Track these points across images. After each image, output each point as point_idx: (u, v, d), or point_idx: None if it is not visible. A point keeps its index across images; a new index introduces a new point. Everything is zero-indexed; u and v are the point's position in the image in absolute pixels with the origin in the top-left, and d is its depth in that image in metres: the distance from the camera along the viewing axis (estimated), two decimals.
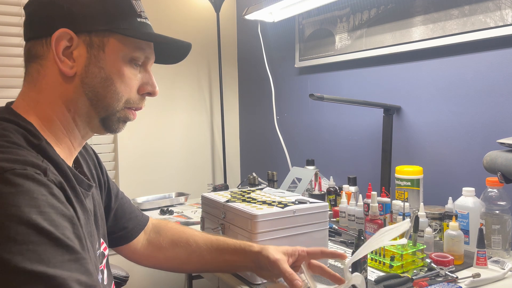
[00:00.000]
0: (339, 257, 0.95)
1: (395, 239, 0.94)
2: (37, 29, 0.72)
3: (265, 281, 1.07)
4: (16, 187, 0.54)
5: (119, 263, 1.41)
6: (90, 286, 0.55)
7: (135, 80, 0.77)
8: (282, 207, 1.14)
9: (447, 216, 1.33)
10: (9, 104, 0.74)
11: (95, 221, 0.81)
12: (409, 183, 1.48)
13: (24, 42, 0.75)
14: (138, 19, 0.75)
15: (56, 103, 0.72)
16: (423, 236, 1.27)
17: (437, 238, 1.38)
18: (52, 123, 0.73)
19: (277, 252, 0.95)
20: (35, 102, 0.72)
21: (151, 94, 0.79)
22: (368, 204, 1.40)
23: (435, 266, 1.14)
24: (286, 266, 0.92)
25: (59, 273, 0.52)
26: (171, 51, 0.84)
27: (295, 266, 0.97)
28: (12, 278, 0.49)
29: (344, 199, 1.61)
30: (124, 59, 0.74)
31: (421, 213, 1.32)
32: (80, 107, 0.73)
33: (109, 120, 0.76)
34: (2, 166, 0.56)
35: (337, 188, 1.77)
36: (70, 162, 0.77)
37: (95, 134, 0.82)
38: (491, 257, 1.22)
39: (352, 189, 1.71)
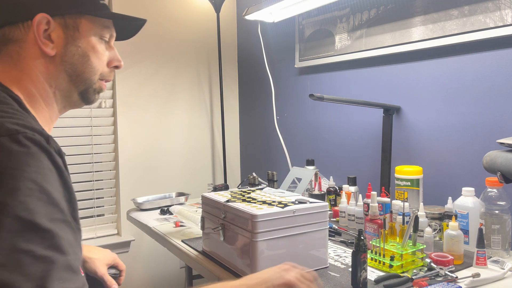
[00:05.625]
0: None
1: None
2: (13, 15, 0.79)
3: None
4: (27, 148, 0.63)
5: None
6: (71, 244, 0.64)
7: (105, 55, 0.87)
8: (282, 207, 1.14)
9: (446, 216, 1.34)
10: None
11: None
12: (408, 183, 1.48)
13: None
14: (101, 1, 0.85)
15: (38, 80, 0.80)
16: (423, 236, 1.27)
17: (437, 238, 1.39)
18: (33, 98, 0.80)
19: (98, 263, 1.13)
20: (18, 80, 0.79)
21: (118, 67, 0.90)
22: (368, 204, 1.40)
23: (435, 266, 1.14)
24: (101, 269, 1.11)
25: (51, 227, 0.60)
26: (127, 27, 0.94)
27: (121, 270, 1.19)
28: (10, 222, 0.57)
29: (344, 199, 1.62)
30: (95, 37, 0.84)
31: (421, 213, 1.32)
32: (60, 83, 0.82)
33: (87, 93, 0.85)
34: (16, 128, 0.64)
35: (337, 188, 1.77)
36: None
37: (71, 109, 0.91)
38: (491, 257, 1.22)
39: (352, 189, 1.71)
